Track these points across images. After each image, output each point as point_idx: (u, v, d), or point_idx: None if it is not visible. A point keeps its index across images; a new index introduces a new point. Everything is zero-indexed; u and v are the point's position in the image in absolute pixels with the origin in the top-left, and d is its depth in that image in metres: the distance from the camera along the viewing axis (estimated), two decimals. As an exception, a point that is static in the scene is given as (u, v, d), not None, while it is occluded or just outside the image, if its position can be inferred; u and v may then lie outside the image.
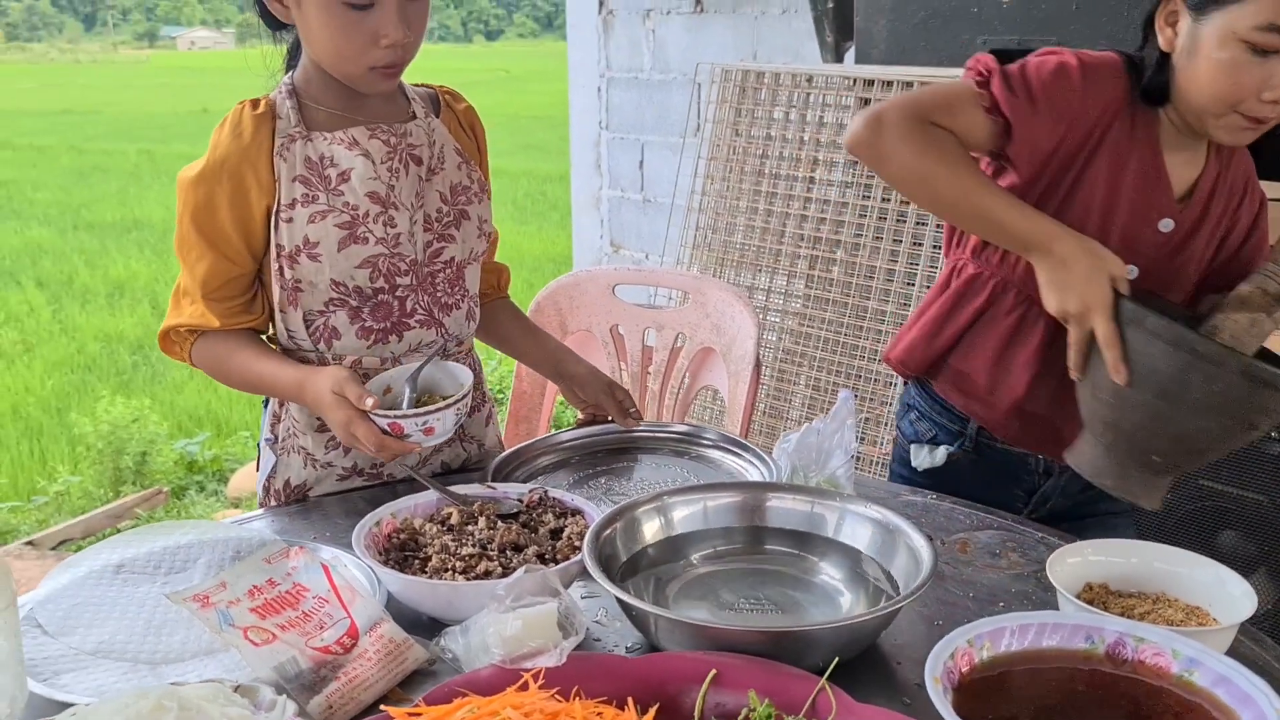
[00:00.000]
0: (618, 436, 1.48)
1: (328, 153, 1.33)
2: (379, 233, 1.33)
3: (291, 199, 1.31)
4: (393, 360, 1.37)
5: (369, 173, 1.33)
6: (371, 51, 1.26)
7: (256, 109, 1.33)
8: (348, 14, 1.24)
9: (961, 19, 2.26)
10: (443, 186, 1.40)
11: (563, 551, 1.08)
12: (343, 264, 1.32)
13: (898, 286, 2.38)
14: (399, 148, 1.36)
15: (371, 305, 1.35)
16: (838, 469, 1.21)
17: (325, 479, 1.42)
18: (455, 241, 1.41)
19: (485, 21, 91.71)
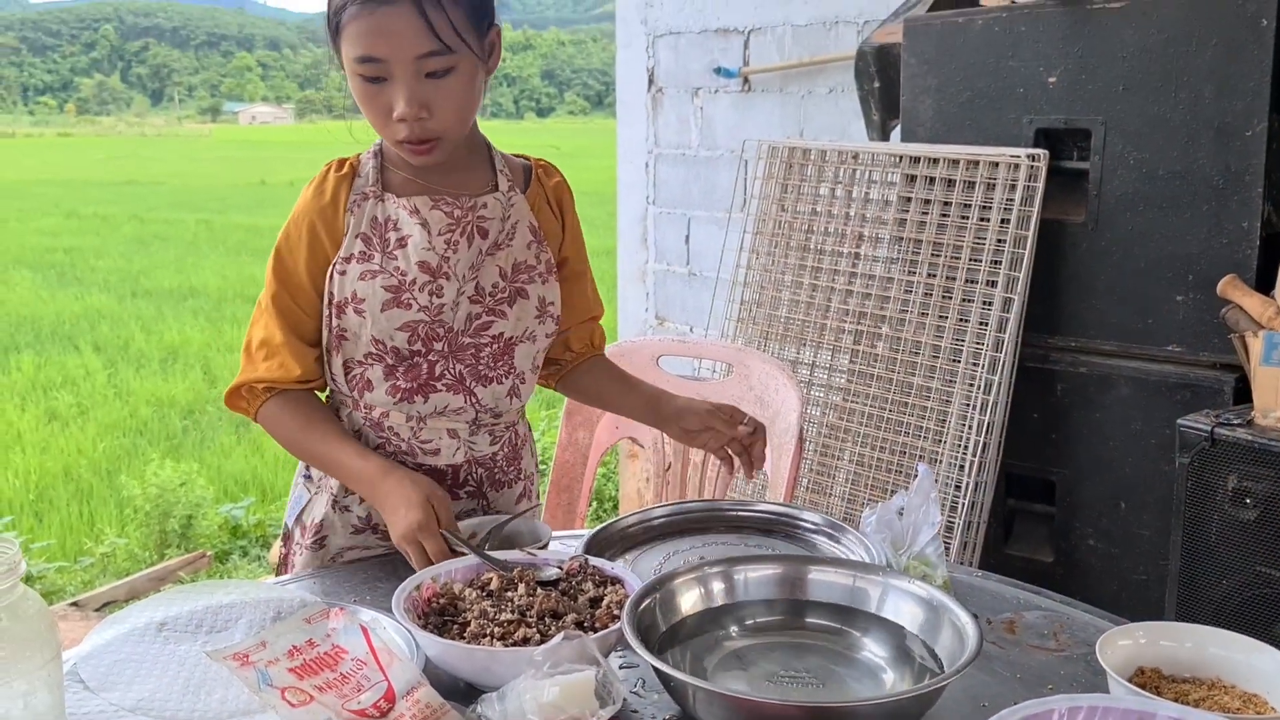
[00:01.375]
0: (708, 514, 1.43)
1: (394, 216, 1.36)
2: (423, 300, 1.35)
3: (350, 253, 1.35)
4: (418, 419, 1.38)
5: (424, 242, 1.35)
6: (391, 126, 1.28)
7: (340, 170, 1.38)
8: (366, 87, 1.27)
9: (1007, 99, 2.28)
10: (504, 262, 1.40)
11: (601, 620, 1.07)
12: (384, 324, 1.35)
13: (943, 363, 2.36)
14: (464, 220, 1.37)
15: (406, 365, 1.37)
16: (926, 546, 1.18)
17: (341, 526, 1.43)
18: (506, 318, 1.40)
19: (537, 99, 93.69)
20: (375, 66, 1.24)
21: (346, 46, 1.26)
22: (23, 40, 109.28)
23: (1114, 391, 2.19)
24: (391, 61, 1.24)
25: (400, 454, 1.40)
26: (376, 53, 1.24)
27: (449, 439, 1.41)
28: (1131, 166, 2.12)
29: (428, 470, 1.40)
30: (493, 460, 1.46)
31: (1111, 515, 2.23)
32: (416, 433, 1.40)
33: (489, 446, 1.45)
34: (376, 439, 1.41)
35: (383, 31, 1.23)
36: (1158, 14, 2.05)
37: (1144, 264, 2.14)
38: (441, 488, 1.31)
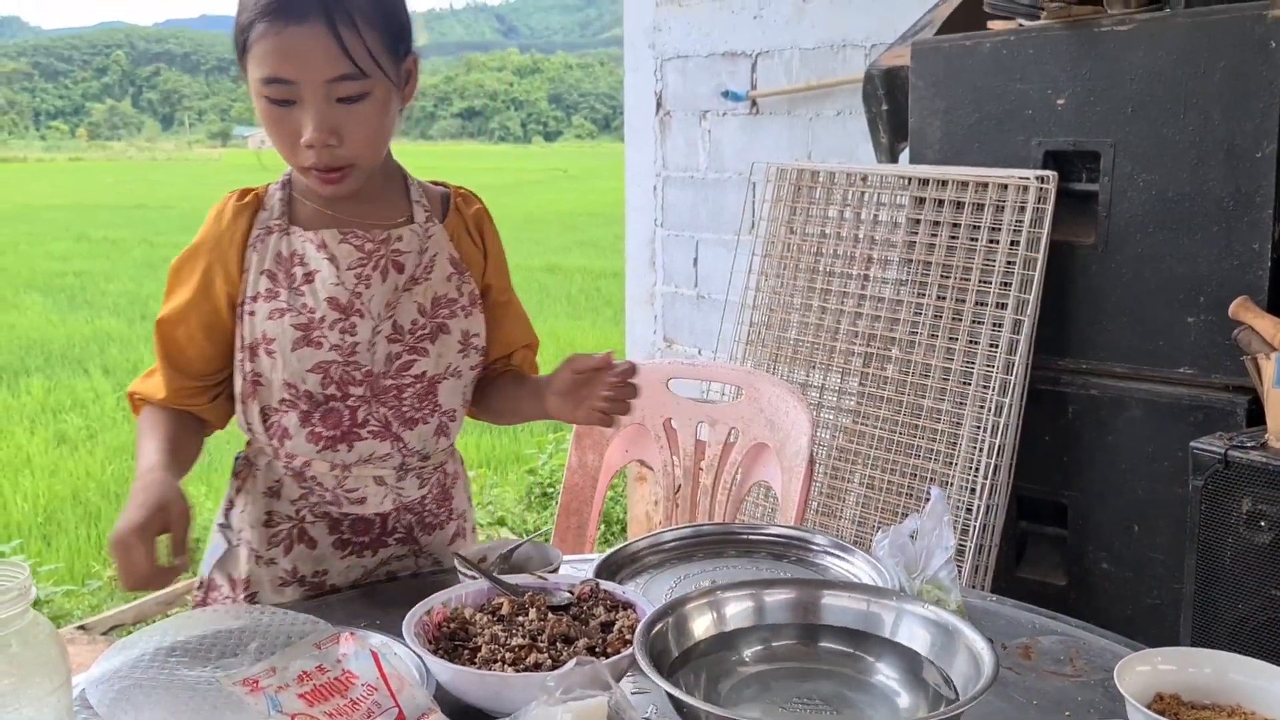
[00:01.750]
0: (719, 537, 1.42)
1: (300, 250, 1.29)
2: (334, 339, 1.28)
3: (256, 292, 1.29)
4: (342, 468, 1.33)
5: (333, 278, 1.28)
6: (299, 152, 1.21)
7: (243, 199, 1.32)
8: (272, 109, 1.20)
9: (1015, 121, 2.28)
10: (423, 297, 1.33)
11: (613, 645, 1.06)
12: (295, 365, 1.28)
13: (953, 385, 2.35)
14: (376, 254, 1.31)
15: (322, 411, 1.30)
16: (939, 570, 1.17)
17: (268, 581, 1.37)
18: (428, 356, 1.34)
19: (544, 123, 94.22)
20: (283, 89, 1.18)
21: (253, 66, 1.19)
22: (35, 66, 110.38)
23: (1126, 414, 2.18)
24: (301, 84, 1.18)
25: (324, 504, 1.35)
26: (285, 74, 1.17)
27: (376, 486, 1.35)
28: (1141, 188, 2.12)
29: (354, 520, 1.36)
30: (421, 504, 1.41)
31: (1124, 538, 2.21)
32: (341, 481, 1.34)
33: (417, 490, 1.39)
34: (299, 489, 1.35)
35: (292, 52, 1.17)
36: (1166, 36, 2.05)
37: (1155, 286, 2.13)
38: (183, 502, 1.17)
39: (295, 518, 1.37)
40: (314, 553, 1.37)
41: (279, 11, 1.16)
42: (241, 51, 1.21)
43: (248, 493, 1.38)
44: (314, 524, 1.37)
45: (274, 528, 1.37)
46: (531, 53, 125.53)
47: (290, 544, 1.37)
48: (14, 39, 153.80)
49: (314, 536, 1.37)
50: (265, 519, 1.37)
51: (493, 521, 4.35)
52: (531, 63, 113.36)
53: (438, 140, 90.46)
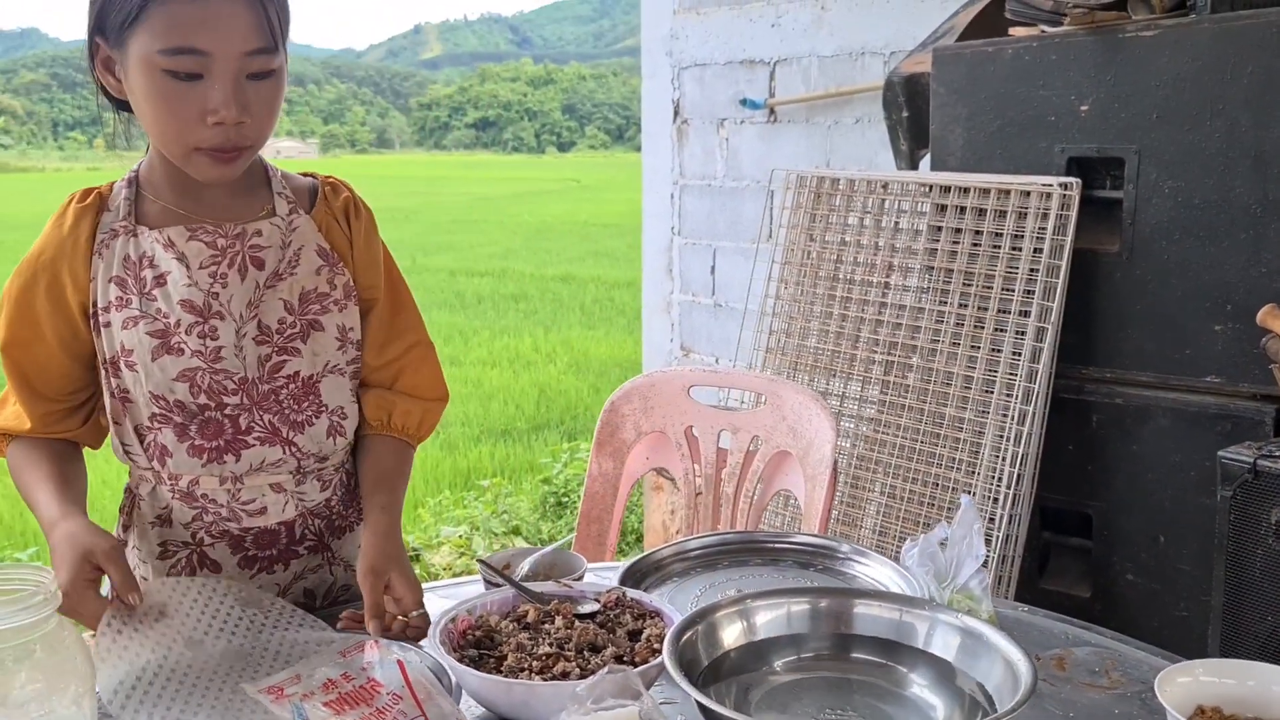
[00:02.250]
0: (744, 545, 1.40)
1: (149, 251, 1.20)
2: (194, 344, 1.20)
3: (107, 301, 1.20)
4: (233, 479, 1.24)
5: (184, 279, 1.19)
6: (198, 130, 1.12)
7: (85, 200, 1.23)
8: (171, 84, 1.10)
9: (1038, 127, 2.26)
10: (289, 294, 1.24)
11: (641, 654, 1.05)
12: (158, 375, 1.20)
13: (976, 394, 2.33)
14: (230, 250, 1.22)
15: (198, 423, 1.22)
16: (970, 580, 1.16)
17: None
18: (300, 355, 1.25)
19: (558, 134, 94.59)
20: (193, 60, 1.09)
21: (149, 37, 1.09)
22: (53, 77, 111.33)
23: (1151, 423, 2.16)
24: (215, 56, 1.09)
25: (221, 520, 1.26)
26: (199, 44, 1.08)
27: (274, 494, 1.27)
28: (1166, 195, 2.10)
29: (257, 534, 1.28)
30: (328, 507, 1.32)
31: (1150, 549, 2.19)
32: (235, 495, 1.25)
33: (320, 494, 1.30)
34: (190, 511, 1.26)
35: (209, 20, 1.08)
36: (1191, 42, 2.03)
37: (1180, 294, 2.11)
38: (104, 539, 1.10)
39: (192, 542, 1.28)
40: (219, 577, 1.27)
41: None
42: (126, 23, 1.10)
43: (136, 526, 1.29)
44: (213, 545, 1.28)
45: (171, 558, 1.27)
46: (545, 63, 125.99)
47: (191, 572, 1.28)
48: (33, 50, 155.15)
49: (216, 559, 1.28)
50: (159, 551, 1.28)
51: (507, 530, 4.33)
52: (545, 73, 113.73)
53: (451, 150, 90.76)
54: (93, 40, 1.17)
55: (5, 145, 53.18)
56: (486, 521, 4.36)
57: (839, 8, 3.32)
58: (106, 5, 1.12)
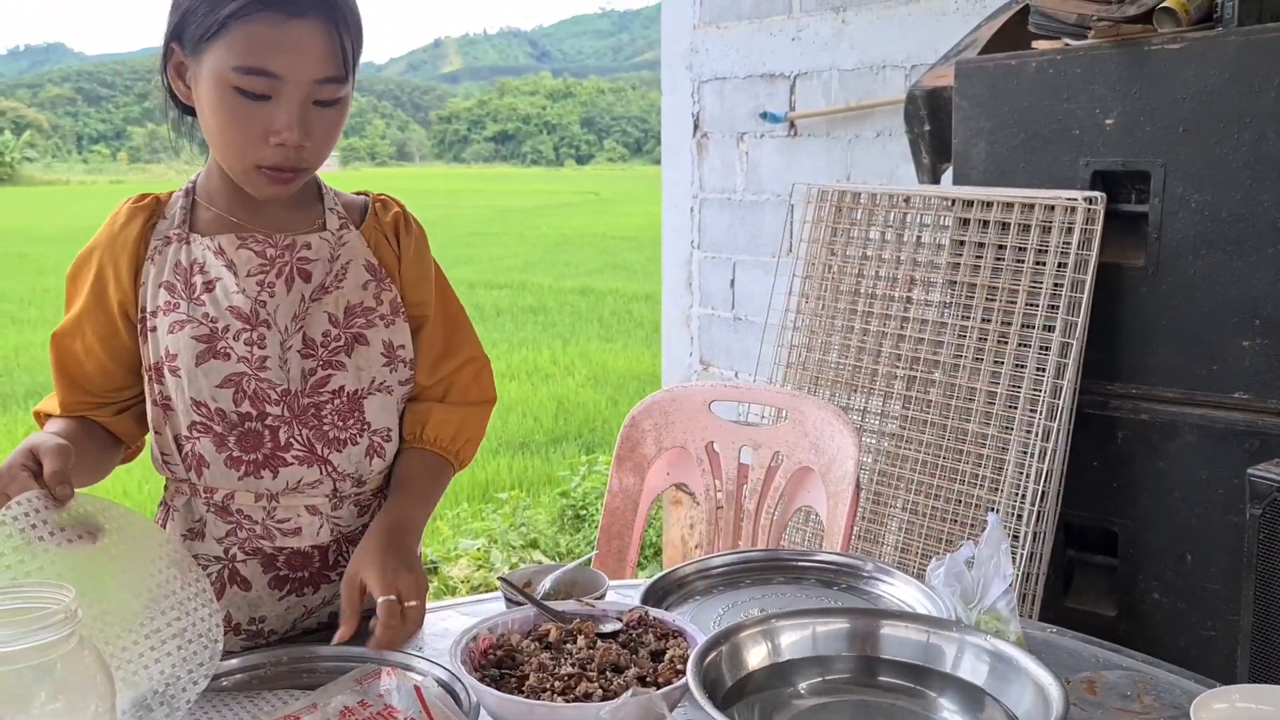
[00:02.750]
0: (767, 563, 1.39)
1: (200, 258, 1.22)
2: (241, 350, 1.20)
3: (155, 306, 1.21)
4: (269, 497, 1.23)
5: (233, 285, 1.21)
6: (260, 148, 1.15)
7: (139, 202, 1.25)
8: (240, 102, 1.13)
9: (1062, 141, 2.24)
10: (334, 307, 1.24)
11: (664, 674, 1.03)
12: (201, 381, 1.19)
13: (999, 410, 2.31)
14: (279, 261, 1.23)
15: (238, 433, 1.21)
16: (998, 600, 1.14)
17: None
18: (345, 370, 1.24)
19: (576, 147, 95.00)
20: (265, 82, 1.12)
21: (226, 53, 1.12)
22: (78, 91, 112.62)
23: (1178, 440, 2.13)
24: (287, 80, 1.12)
25: (255, 538, 1.24)
26: (274, 67, 1.11)
27: (309, 516, 1.25)
28: (1193, 209, 2.08)
29: (290, 553, 1.26)
30: (363, 534, 1.27)
31: (1177, 568, 2.16)
32: (270, 513, 1.24)
33: (356, 519, 1.29)
34: (224, 526, 1.24)
35: (287, 46, 1.11)
36: (1218, 54, 2.02)
37: (1207, 308, 2.08)
38: (54, 439, 1.07)
39: (224, 558, 1.26)
40: (249, 595, 1.26)
41: (279, 2, 1.11)
42: (205, 36, 1.13)
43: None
44: (245, 562, 1.26)
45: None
46: (564, 77, 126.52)
47: (221, 588, 1.26)
48: (59, 65, 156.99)
49: (247, 577, 1.26)
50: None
51: (525, 544, 4.32)
52: (564, 87, 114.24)
53: (470, 164, 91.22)
54: (168, 45, 1.19)
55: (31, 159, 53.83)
56: (505, 534, 4.35)
57: (860, 21, 3.31)
58: (188, 15, 1.15)
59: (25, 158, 51.08)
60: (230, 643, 1.25)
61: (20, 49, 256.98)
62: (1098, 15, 2.17)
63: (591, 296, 11.88)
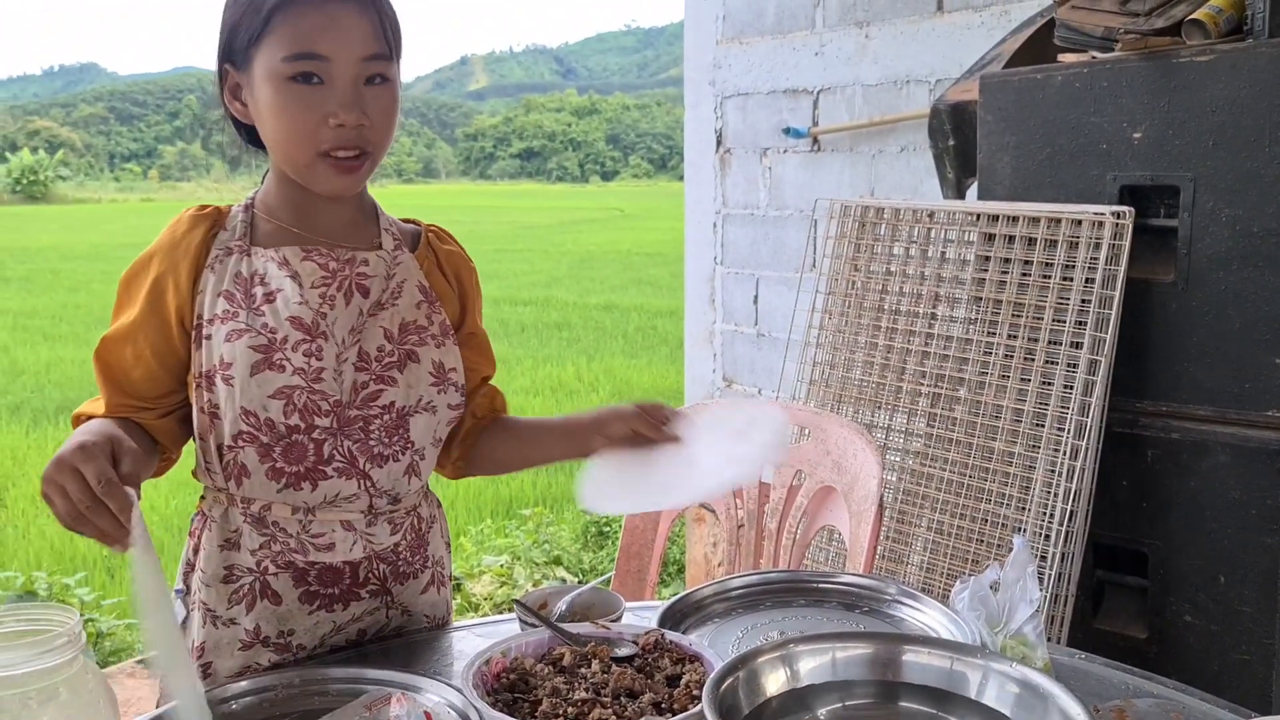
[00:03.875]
0: (788, 585, 1.37)
1: (261, 269, 1.23)
2: (298, 362, 1.20)
3: (212, 314, 1.22)
4: (305, 510, 1.23)
5: (296, 297, 1.22)
6: (321, 133, 1.17)
7: (201, 211, 1.27)
8: (296, 90, 1.16)
9: (1090, 155, 2.21)
10: (390, 323, 1.26)
11: (680, 700, 1.01)
12: (254, 391, 1.19)
13: (1026, 428, 2.28)
14: (340, 274, 1.25)
15: (284, 445, 1.21)
16: (1025, 625, 1.11)
17: (226, 643, 1.26)
18: (397, 385, 1.25)
19: (601, 163, 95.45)
20: (315, 64, 1.15)
21: (274, 48, 1.16)
22: (111, 110, 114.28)
23: (1210, 458, 2.09)
24: (335, 60, 1.15)
25: (289, 552, 1.25)
26: (321, 49, 1.15)
27: (344, 531, 1.25)
28: (1224, 224, 2.04)
29: (321, 570, 1.26)
30: (395, 552, 1.31)
31: (1210, 589, 2.11)
32: (305, 526, 1.24)
33: (389, 537, 1.29)
34: (260, 538, 1.25)
35: (330, 26, 1.15)
36: (1248, 67, 1.98)
37: (1239, 325, 2.04)
38: (130, 440, 1.08)
39: (257, 570, 1.26)
40: (279, 609, 1.27)
41: None
42: (253, 40, 1.17)
43: (204, 549, 1.27)
44: (277, 575, 1.26)
45: (234, 583, 1.26)
46: (589, 94, 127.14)
47: (253, 600, 1.26)
48: (92, 85, 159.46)
49: (278, 590, 1.26)
50: (224, 574, 1.26)
51: (549, 560, 4.31)
52: (589, 103, 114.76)
53: (496, 180, 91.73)
54: (221, 68, 1.23)
55: (64, 177, 54.63)
56: (528, 551, 4.34)
57: (883, 36, 3.29)
58: (235, 27, 1.19)
59: (59, 176, 51.83)
60: (259, 655, 1.26)
61: (55, 69, 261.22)
62: (1125, 28, 2.15)
63: (616, 312, 11.88)
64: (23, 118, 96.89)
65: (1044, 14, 2.59)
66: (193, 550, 1.30)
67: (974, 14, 3.07)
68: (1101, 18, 2.23)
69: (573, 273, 15.89)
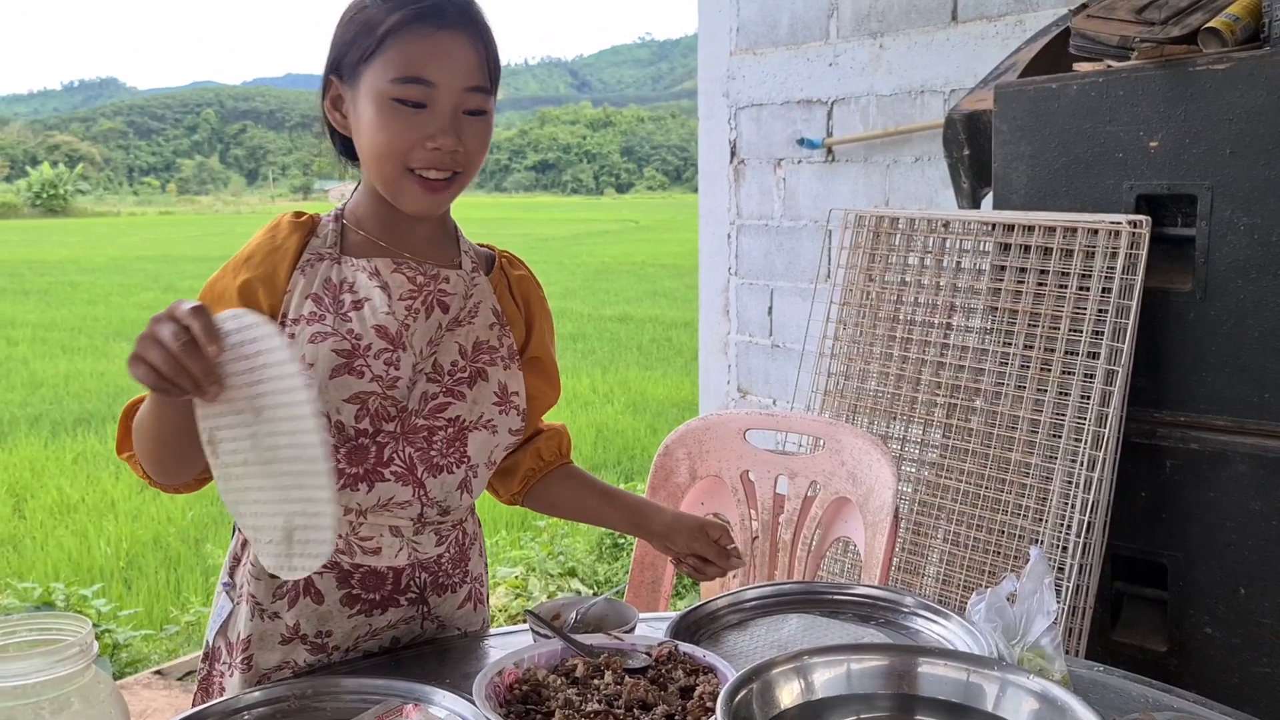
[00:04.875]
0: (802, 596, 1.36)
1: (350, 278, 1.27)
2: (378, 369, 1.24)
3: (298, 315, 1.24)
4: (358, 513, 1.25)
5: (384, 306, 1.25)
6: (416, 152, 1.21)
7: (299, 218, 1.30)
8: (397, 111, 1.19)
9: (1105, 164, 2.20)
10: (465, 340, 1.30)
11: (693, 712, 1.01)
12: (331, 394, 1.22)
13: (1043, 438, 2.26)
14: (425, 289, 1.29)
15: (350, 447, 1.24)
16: (1042, 637, 1.10)
17: (269, 636, 1.28)
18: (464, 400, 1.29)
19: (616, 175, 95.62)
20: (421, 89, 1.19)
21: (384, 68, 1.19)
22: (130, 125, 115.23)
23: (1229, 469, 2.07)
24: (440, 87, 1.19)
25: (335, 553, 1.26)
26: (428, 75, 1.19)
27: (391, 537, 1.28)
28: (1242, 232, 2.03)
29: (365, 574, 1.29)
30: (437, 563, 1.33)
31: (1230, 601, 2.09)
32: (355, 529, 1.27)
33: (434, 548, 1.32)
34: None
35: (439, 54, 1.19)
36: (1265, 74, 1.97)
37: (1258, 334, 2.02)
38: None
39: None
40: (320, 608, 1.29)
41: (430, 14, 1.19)
42: (363, 58, 1.20)
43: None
44: (322, 575, 1.28)
45: (279, 579, 1.28)
46: (604, 106, 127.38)
47: (295, 596, 1.28)
48: (111, 100, 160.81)
49: (321, 589, 1.28)
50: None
51: (563, 572, 4.30)
52: (604, 116, 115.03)
53: (512, 192, 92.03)
54: (327, 79, 1.27)
55: (84, 191, 55.06)
56: (543, 562, 4.33)
57: (897, 46, 3.29)
58: (346, 45, 1.23)
59: (78, 190, 52.25)
60: (297, 652, 1.28)
61: (74, 84, 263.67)
62: (1141, 36, 2.14)
63: (631, 324, 11.89)
64: (43, 132, 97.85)
65: (1059, 23, 2.59)
66: (240, 545, 1.32)
67: (988, 24, 3.06)
68: (1117, 26, 2.22)
69: (587, 284, 15.91)
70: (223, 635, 1.32)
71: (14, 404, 8.13)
